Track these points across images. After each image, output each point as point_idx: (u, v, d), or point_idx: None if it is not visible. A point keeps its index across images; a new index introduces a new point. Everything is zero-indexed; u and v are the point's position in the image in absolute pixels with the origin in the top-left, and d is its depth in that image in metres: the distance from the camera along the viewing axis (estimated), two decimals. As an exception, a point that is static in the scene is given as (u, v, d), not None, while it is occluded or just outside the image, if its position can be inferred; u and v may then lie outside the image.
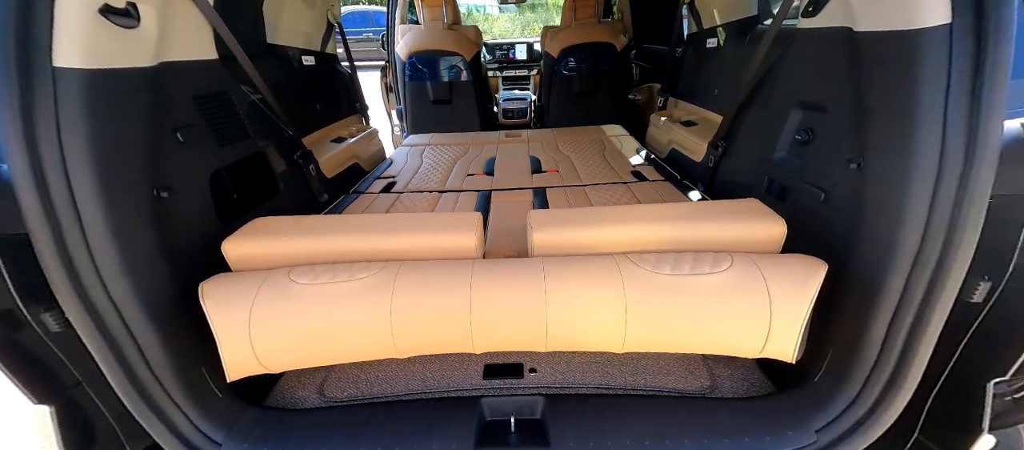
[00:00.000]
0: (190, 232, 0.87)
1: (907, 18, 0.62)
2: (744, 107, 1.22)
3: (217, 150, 1.02)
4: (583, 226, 0.89)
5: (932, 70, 0.58)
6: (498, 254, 1.09)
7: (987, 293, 0.64)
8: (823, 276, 0.71)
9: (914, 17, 0.60)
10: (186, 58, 0.94)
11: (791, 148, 0.99)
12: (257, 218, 0.95)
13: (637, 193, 1.47)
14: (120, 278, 0.67)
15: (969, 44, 0.56)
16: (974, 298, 0.64)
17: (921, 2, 0.59)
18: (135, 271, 0.69)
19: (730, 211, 0.89)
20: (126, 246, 0.68)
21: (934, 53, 0.58)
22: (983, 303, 0.65)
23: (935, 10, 0.58)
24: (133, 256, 0.69)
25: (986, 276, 0.63)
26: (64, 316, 0.66)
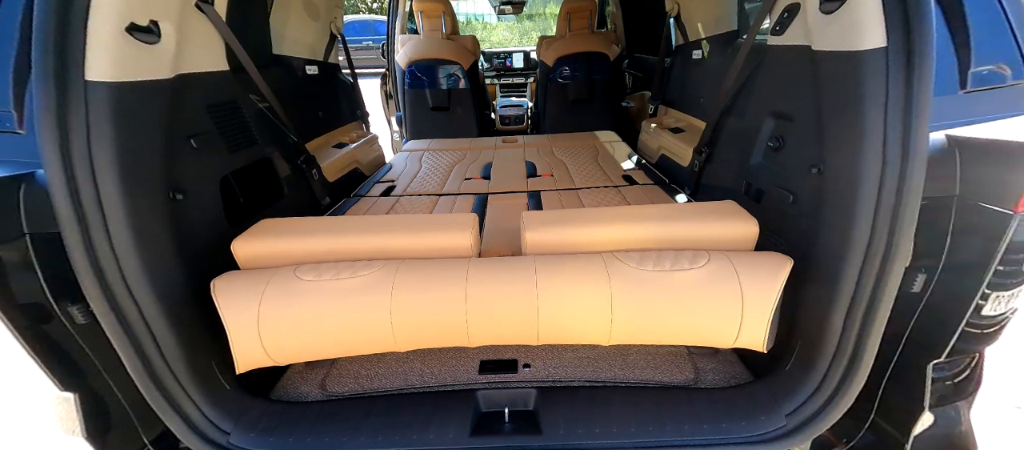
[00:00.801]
0: (202, 232, 0.92)
1: (852, 41, 0.69)
2: (724, 116, 1.29)
3: (227, 155, 1.08)
4: (573, 226, 0.95)
5: (873, 86, 0.66)
6: (493, 253, 1.15)
7: (924, 284, 0.71)
8: (788, 270, 0.78)
9: (857, 40, 0.68)
10: (200, 70, 1.01)
11: (765, 154, 1.06)
12: (264, 219, 1.01)
13: (628, 197, 1.54)
14: (140, 275, 0.72)
15: (901, 64, 0.63)
16: (914, 288, 0.71)
17: (862, 28, 0.67)
18: (153, 269, 0.74)
19: (709, 212, 0.95)
20: (146, 245, 0.73)
21: (874, 72, 0.66)
22: (921, 293, 0.72)
23: (873, 35, 0.66)
24: (152, 255, 0.75)
25: (922, 268, 0.70)
26: (89, 310, 0.70)
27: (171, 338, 0.76)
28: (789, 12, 0.94)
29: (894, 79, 0.64)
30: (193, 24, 0.97)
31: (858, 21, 0.68)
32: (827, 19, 0.76)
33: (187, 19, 0.93)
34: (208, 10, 1.00)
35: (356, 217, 1.05)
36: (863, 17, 0.67)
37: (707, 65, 1.73)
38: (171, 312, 0.77)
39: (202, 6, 0.99)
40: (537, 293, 0.82)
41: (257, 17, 1.56)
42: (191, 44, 0.96)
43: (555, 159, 2.10)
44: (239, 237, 0.91)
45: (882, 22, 0.65)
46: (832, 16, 0.75)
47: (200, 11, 0.99)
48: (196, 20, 0.99)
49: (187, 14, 0.94)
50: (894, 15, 0.63)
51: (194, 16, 0.98)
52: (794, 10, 0.92)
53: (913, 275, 0.70)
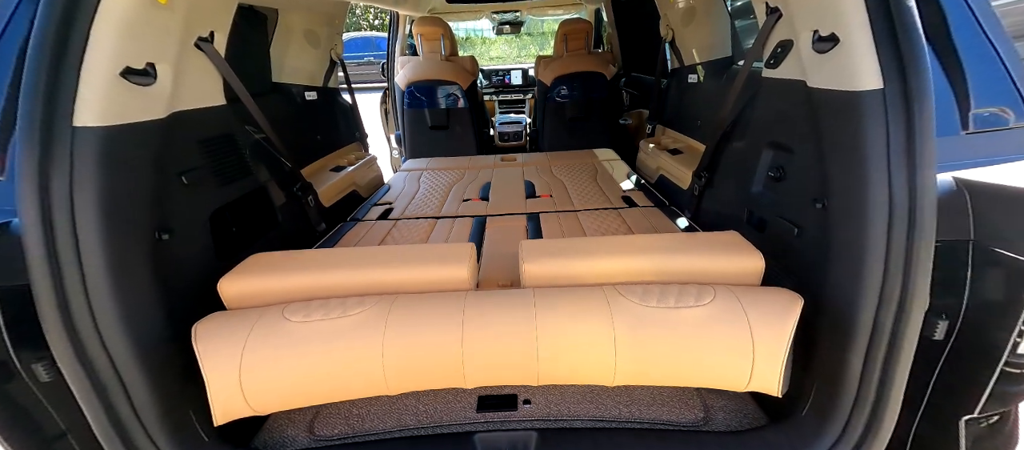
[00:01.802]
0: (189, 272, 0.90)
1: (848, 81, 0.69)
2: (723, 142, 1.29)
3: (219, 189, 1.06)
4: (572, 257, 0.92)
5: (873, 127, 0.65)
6: (491, 282, 1.12)
7: (946, 331, 0.68)
8: (800, 310, 0.75)
9: (853, 81, 0.68)
10: (196, 106, 1.00)
11: (766, 183, 1.05)
12: (253, 255, 0.98)
13: (627, 219, 1.52)
14: (116, 324, 0.69)
15: (900, 106, 0.63)
16: (936, 335, 0.68)
17: (858, 69, 0.66)
18: (131, 316, 0.71)
19: (712, 244, 0.93)
20: (124, 291, 0.70)
21: (873, 113, 0.65)
22: (945, 341, 0.69)
23: (870, 77, 0.65)
24: (131, 301, 0.71)
25: (943, 315, 0.68)
26: (55, 366, 0.66)
27: (145, 390, 0.73)
28: (782, 47, 0.94)
29: (895, 120, 0.63)
30: (191, 62, 0.97)
31: (853, 63, 0.67)
32: (821, 58, 0.76)
33: (185, 59, 0.93)
34: (207, 48, 1.00)
35: (349, 250, 1.03)
36: (857, 59, 0.66)
37: (703, 89, 1.74)
38: (148, 361, 0.73)
39: (202, 45, 0.99)
40: (536, 331, 0.79)
41: (257, 48, 1.57)
42: (188, 82, 0.95)
43: (554, 178, 2.09)
44: (226, 276, 0.89)
45: (877, 65, 0.64)
46: (826, 55, 0.75)
47: (199, 50, 0.99)
48: (195, 58, 0.99)
49: (186, 54, 0.94)
50: (889, 58, 0.63)
51: (193, 55, 0.98)
52: (787, 46, 0.92)
53: (934, 320, 0.67)
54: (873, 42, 0.64)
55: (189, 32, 0.95)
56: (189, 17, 0.92)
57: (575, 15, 3.44)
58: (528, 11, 3.53)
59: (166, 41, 0.85)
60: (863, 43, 0.65)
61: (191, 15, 0.93)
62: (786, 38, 0.93)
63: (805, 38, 0.80)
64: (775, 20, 0.95)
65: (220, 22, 1.06)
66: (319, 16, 1.85)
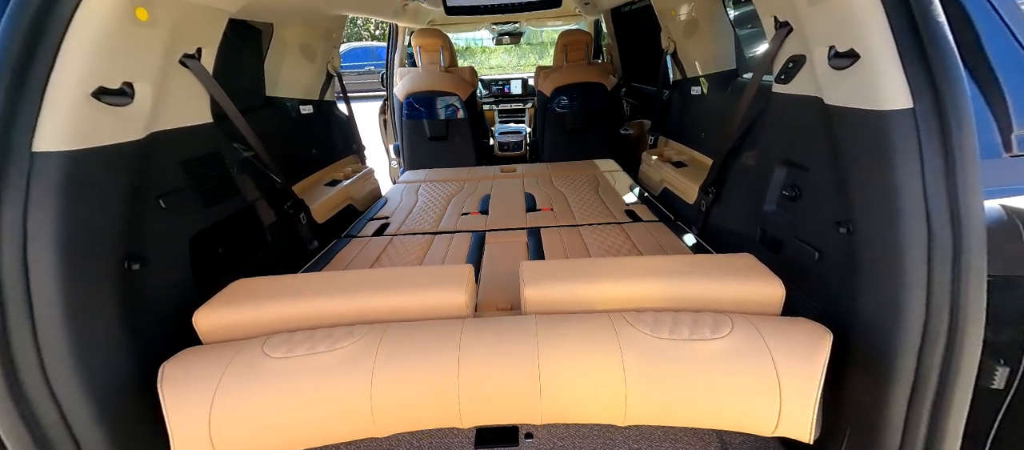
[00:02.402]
0: (162, 303, 0.83)
1: (872, 99, 0.64)
2: (730, 157, 1.23)
3: (202, 211, 1.01)
4: (576, 280, 0.86)
5: (903, 149, 0.59)
6: (491, 305, 1.06)
7: (1007, 379, 0.61)
8: (829, 346, 0.68)
9: (877, 99, 0.62)
10: (179, 125, 0.95)
11: (779, 202, 0.99)
12: (236, 281, 0.92)
13: (631, 234, 1.46)
14: (69, 370, 0.62)
15: (934, 127, 0.57)
16: (994, 384, 0.62)
17: (883, 87, 0.61)
18: (88, 360, 0.64)
19: (727, 268, 0.87)
20: (81, 332, 0.64)
21: (902, 134, 0.59)
22: (1005, 390, 0.62)
23: (896, 95, 0.60)
24: (88, 342, 0.65)
25: (1002, 360, 0.61)
26: None
27: (100, 443, 0.65)
28: (794, 62, 0.90)
29: (929, 141, 0.57)
30: (175, 80, 0.92)
31: (876, 80, 0.62)
32: (839, 74, 0.71)
33: (169, 76, 0.88)
34: (194, 65, 0.95)
35: (338, 274, 0.96)
36: (881, 77, 0.61)
37: (707, 101, 1.70)
38: (107, 412, 0.66)
39: (187, 62, 0.94)
40: (539, 365, 0.72)
41: (250, 63, 1.53)
42: (171, 100, 0.90)
43: (555, 190, 2.04)
44: (203, 307, 0.82)
45: (904, 83, 0.59)
46: (844, 72, 0.70)
47: (185, 67, 0.94)
48: (179, 76, 0.94)
49: (170, 72, 0.89)
50: (918, 76, 0.58)
51: (177, 72, 0.93)
52: (799, 61, 0.88)
53: (991, 367, 0.61)
54: (898, 58, 0.59)
55: (173, 49, 0.90)
56: (174, 34, 0.88)
57: (575, 26, 3.44)
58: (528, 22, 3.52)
59: (147, 59, 0.80)
60: (887, 60, 0.60)
61: (176, 32, 0.88)
62: (798, 53, 0.88)
63: (820, 54, 0.75)
64: (785, 34, 0.91)
65: (208, 38, 1.02)
66: (316, 30, 1.82)
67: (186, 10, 0.90)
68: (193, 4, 0.92)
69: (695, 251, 1.31)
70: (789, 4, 0.85)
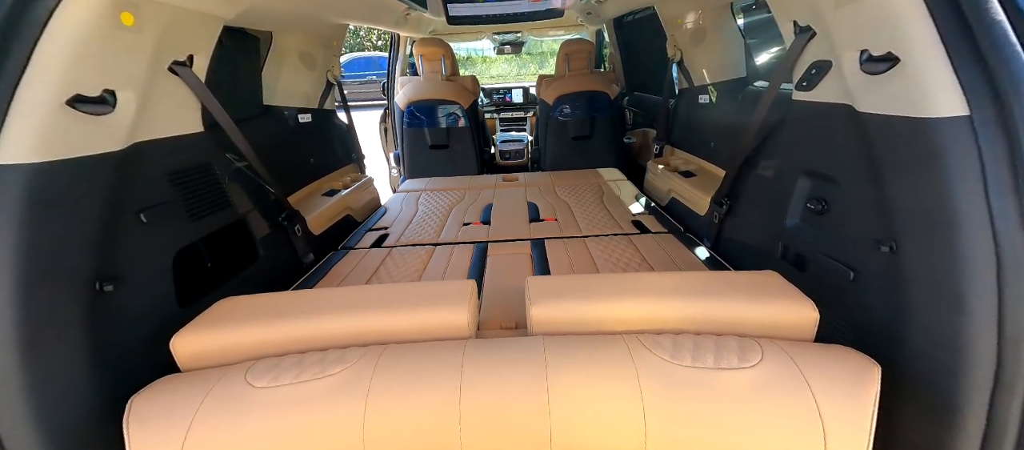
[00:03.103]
0: (138, 327, 0.76)
1: (917, 106, 0.58)
2: (745, 167, 1.18)
3: (188, 225, 0.94)
4: (586, 299, 0.80)
5: (961, 160, 0.53)
6: (494, 323, 0.99)
7: None
8: (878, 381, 0.60)
9: (924, 106, 0.57)
10: (166, 135, 0.89)
11: (804, 216, 0.93)
12: (222, 300, 0.85)
13: (640, 247, 1.40)
14: (22, 408, 0.55)
15: (997, 135, 0.51)
16: None
17: (931, 93, 0.55)
18: (45, 396, 0.57)
19: (750, 286, 0.80)
20: (38, 365, 0.57)
21: (957, 144, 0.53)
22: None
23: (949, 101, 0.54)
24: (45, 377, 0.58)
25: None
26: None
27: None
28: (817, 68, 0.85)
29: (991, 152, 0.51)
30: (164, 88, 0.87)
31: (921, 86, 0.57)
32: (874, 80, 0.66)
33: (156, 84, 0.83)
34: (184, 72, 0.90)
35: (332, 291, 0.90)
36: (928, 82, 0.56)
37: (716, 110, 1.66)
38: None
39: (177, 69, 0.89)
40: (548, 391, 0.65)
41: (247, 71, 1.49)
42: (158, 109, 0.85)
43: (558, 200, 1.98)
44: (182, 330, 0.75)
45: (957, 88, 0.53)
46: (880, 77, 0.64)
47: (174, 74, 0.89)
48: (168, 83, 0.89)
49: (157, 79, 0.83)
50: (974, 81, 0.52)
51: (166, 79, 0.88)
52: (824, 67, 0.83)
53: None
54: (948, 62, 0.54)
55: (162, 56, 0.85)
56: (162, 40, 0.83)
57: (576, 36, 3.45)
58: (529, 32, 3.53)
59: (132, 66, 0.75)
60: (934, 63, 0.55)
61: (165, 38, 0.83)
62: (822, 58, 0.83)
63: (849, 58, 0.70)
64: (807, 39, 0.86)
65: (201, 45, 0.97)
66: (316, 38, 1.79)
67: (177, 16, 0.86)
68: (185, 10, 0.88)
69: (708, 265, 1.24)
70: (811, 8, 0.81)
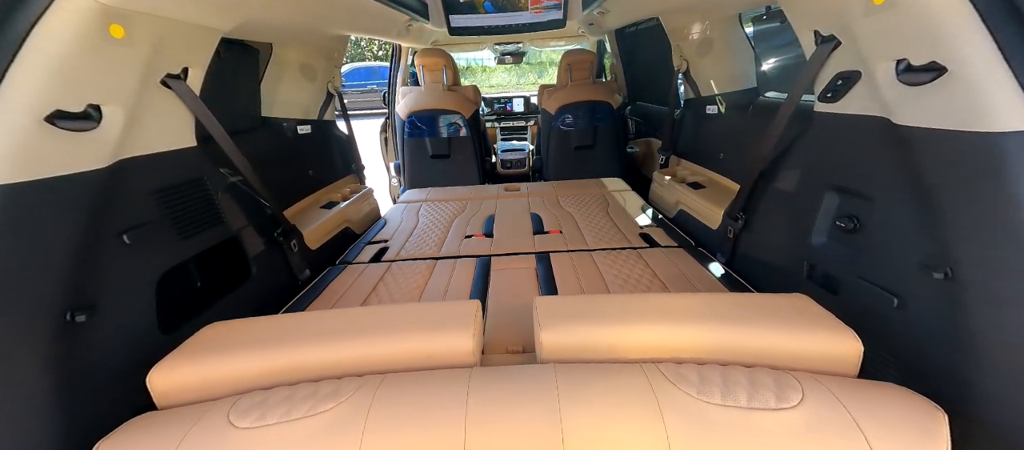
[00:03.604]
0: (113, 359, 0.70)
1: (973, 120, 0.53)
2: (762, 181, 1.13)
3: (176, 245, 0.88)
4: (600, 322, 0.73)
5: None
6: (500, 345, 0.92)
7: None
8: (946, 430, 0.53)
9: (983, 120, 0.52)
10: (156, 150, 0.84)
11: (832, 234, 0.87)
12: (209, 325, 0.79)
13: (650, 261, 1.34)
14: None
15: None
16: None
17: (989, 105, 0.50)
18: None
19: (781, 312, 0.73)
20: None
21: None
22: None
23: (1014, 115, 0.49)
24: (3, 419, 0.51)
25: None
26: None
27: None
28: (843, 79, 0.80)
29: None
30: (156, 102, 0.82)
31: (976, 97, 0.52)
32: (916, 91, 0.61)
33: (148, 98, 0.78)
34: (177, 86, 0.86)
35: (326, 314, 0.83)
36: (985, 93, 0.51)
37: (725, 121, 1.62)
38: None
39: (171, 82, 0.84)
40: (561, 427, 0.58)
41: (246, 83, 1.44)
42: (149, 123, 0.80)
43: (562, 211, 1.93)
44: (161, 362, 0.68)
45: (1022, 99, 0.48)
46: (923, 88, 0.59)
47: (168, 87, 0.84)
48: (161, 97, 0.84)
49: (149, 93, 0.79)
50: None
51: (158, 93, 0.83)
52: (851, 77, 0.78)
53: None
54: (1009, 71, 0.49)
55: (154, 69, 0.80)
56: (155, 53, 0.78)
57: (577, 46, 3.45)
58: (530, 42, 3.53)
59: (120, 79, 0.70)
60: (993, 73, 0.50)
61: (158, 51, 0.79)
62: (849, 69, 0.79)
63: (883, 69, 0.66)
64: (830, 49, 0.82)
65: (196, 58, 0.93)
66: (317, 50, 1.75)
67: (171, 28, 0.81)
68: (180, 22, 0.83)
69: (724, 283, 1.18)
70: (836, 16, 0.77)
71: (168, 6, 0.78)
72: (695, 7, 1.51)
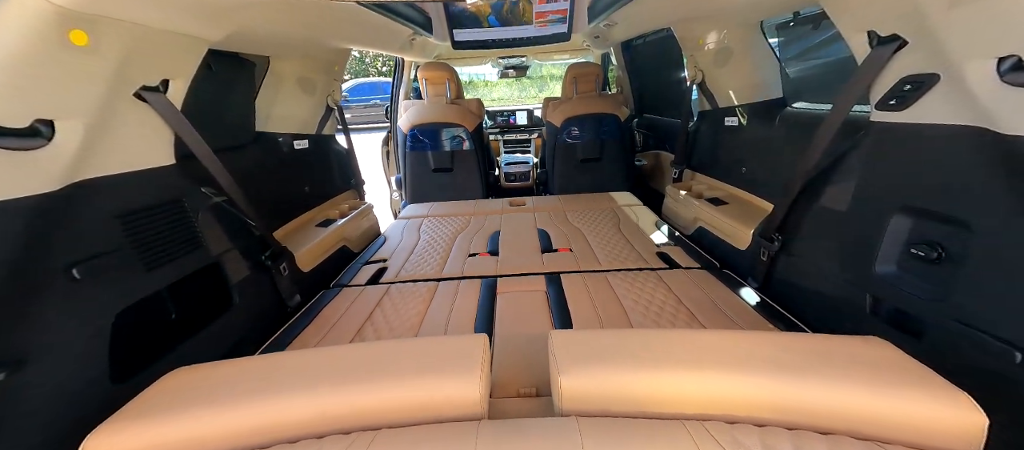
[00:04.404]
0: (45, 419, 0.57)
1: None
2: (804, 199, 1.00)
3: (141, 276, 0.76)
4: (629, 366, 0.60)
5: None
6: (509, 386, 0.79)
7: None
8: None
9: None
10: (125, 169, 0.74)
11: (906, 264, 0.74)
12: (170, 373, 0.66)
13: (671, 284, 1.21)
14: None
15: None
16: None
17: None
18: None
19: (859, 361, 0.59)
20: None
21: None
22: None
23: None
24: None
25: None
26: None
27: None
28: (914, 84, 0.69)
29: None
30: (127, 116, 0.72)
31: None
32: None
33: (116, 112, 0.68)
34: (154, 99, 0.76)
35: (310, 355, 0.70)
36: None
37: (748, 133, 1.51)
38: None
39: (146, 95, 0.74)
40: None
41: (240, 97, 1.35)
42: (117, 140, 0.70)
43: (571, 227, 1.81)
44: (101, 427, 0.55)
45: None
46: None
47: (143, 101, 0.74)
48: (133, 111, 0.74)
49: (117, 107, 0.69)
50: None
51: (130, 107, 0.73)
52: (925, 81, 0.67)
53: None
54: None
55: (126, 80, 0.71)
56: (127, 62, 0.68)
57: (582, 59, 3.41)
58: (534, 56, 3.50)
59: (81, 91, 0.61)
60: None
61: (131, 60, 0.69)
62: (921, 72, 0.68)
63: (977, 69, 0.54)
64: (892, 51, 0.71)
65: (178, 69, 0.83)
66: (316, 63, 1.68)
67: (148, 37, 0.72)
68: (159, 31, 0.74)
69: (760, 311, 1.04)
70: (901, 13, 0.66)
71: (143, 13, 0.68)
72: (712, 15, 1.42)
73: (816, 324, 0.94)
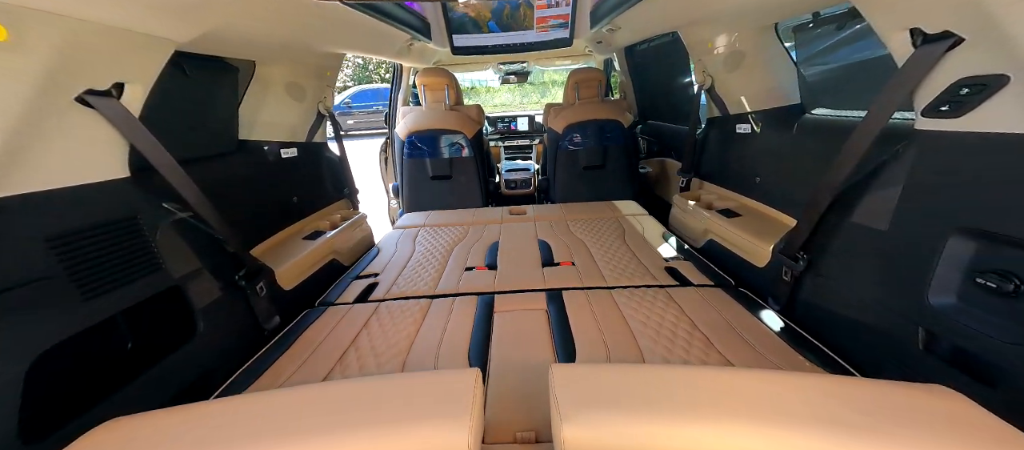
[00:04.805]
0: None
1: None
2: (833, 215, 0.90)
3: (74, 308, 0.66)
4: (648, 414, 0.50)
5: None
6: (506, 431, 0.69)
7: None
8: None
9: None
10: (60, 185, 0.64)
11: (969, 295, 0.64)
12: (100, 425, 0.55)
13: (683, 304, 1.10)
14: None
15: None
16: None
17: None
18: None
19: (925, 418, 0.48)
20: None
21: None
22: None
23: None
24: None
25: None
26: None
27: None
28: (973, 87, 0.59)
29: None
30: (65, 124, 0.63)
31: None
32: None
33: (50, 119, 0.59)
34: (103, 104, 0.67)
35: (272, 398, 0.60)
36: None
37: (761, 141, 1.42)
38: None
39: (91, 100, 0.65)
40: None
41: (221, 103, 1.27)
42: (50, 151, 0.61)
43: (573, 238, 1.71)
44: None
45: None
46: None
47: (87, 106, 0.66)
48: (76, 118, 0.65)
49: (51, 113, 0.60)
50: None
51: (72, 113, 0.64)
52: (990, 84, 0.57)
53: None
54: None
55: (63, 83, 0.62)
56: (64, 62, 0.60)
57: (584, 65, 3.35)
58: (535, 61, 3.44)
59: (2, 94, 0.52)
60: None
61: (70, 60, 0.60)
62: (984, 73, 0.58)
63: None
64: (944, 49, 0.62)
65: (136, 72, 0.74)
66: (306, 68, 1.60)
67: (94, 34, 0.63)
68: (107, 27, 0.66)
69: (785, 337, 0.93)
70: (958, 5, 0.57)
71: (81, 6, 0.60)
72: (722, 18, 1.34)
73: (854, 356, 0.83)
